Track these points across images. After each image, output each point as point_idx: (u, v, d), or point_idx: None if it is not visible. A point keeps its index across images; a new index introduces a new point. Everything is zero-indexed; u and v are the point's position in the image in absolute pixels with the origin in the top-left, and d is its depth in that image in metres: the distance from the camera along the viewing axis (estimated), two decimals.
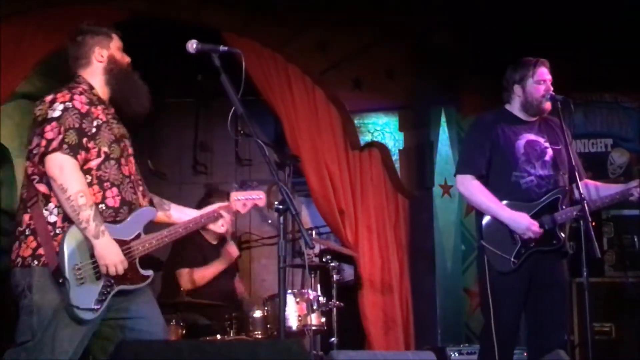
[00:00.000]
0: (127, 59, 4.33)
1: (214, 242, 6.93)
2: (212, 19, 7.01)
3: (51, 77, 7.68)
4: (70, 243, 3.88)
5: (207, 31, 6.68)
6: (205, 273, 6.67)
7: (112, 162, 4.08)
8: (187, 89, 8.65)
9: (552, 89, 5.10)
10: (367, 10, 7.29)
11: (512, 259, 4.97)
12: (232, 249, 6.84)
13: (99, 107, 4.11)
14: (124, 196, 4.10)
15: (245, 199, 4.54)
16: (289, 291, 6.11)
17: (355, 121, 7.59)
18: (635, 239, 6.92)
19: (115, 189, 4.07)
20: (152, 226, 4.26)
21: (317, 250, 6.91)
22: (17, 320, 3.98)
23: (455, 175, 5.29)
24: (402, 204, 7.64)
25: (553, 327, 5.01)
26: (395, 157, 7.68)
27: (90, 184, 3.99)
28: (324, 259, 6.43)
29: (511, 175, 5.06)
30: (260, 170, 8.62)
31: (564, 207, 5.02)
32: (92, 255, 3.92)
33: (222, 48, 3.95)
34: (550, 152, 5.10)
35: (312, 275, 6.54)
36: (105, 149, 4.06)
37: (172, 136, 8.90)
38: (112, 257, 3.93)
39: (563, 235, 5.02)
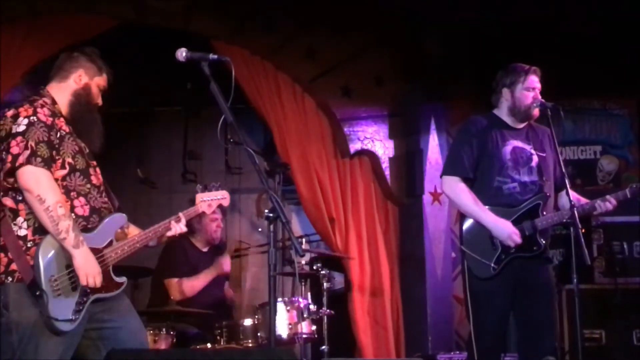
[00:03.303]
0: (99, 101, 4.32)
1: (204, 250, 6.92)
2: (201, 27, 7.01)
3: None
4: (45, 255, 3.88)
5: (196, 39, 6.68)
6: (194, 283, 6.65)
7: (78, 173, 4.09)
8: (176, 97, 8.64)
9: (539, 97, 5.11)
10: (356, 17, 7.30)
11: (492, 265, 4.98)
12: (226, 263, 6.82)
13: (61, 119, 4.12)
14: (93, 205, 4.11)
15: (211, 200, 4.60)
16: (280, 299, 6.10)
17: (345, 129, 7.59)
18: (625, 246, 6.93)
19: (82, 199, 4.08)
20: None
21: (307, 258, 6.89)
22: None
23: (441, 176, 5.29)
24: (392, 212, 7.64)
25: (542, 333, 5.01)
26: (385, 165, 7.68)
27: None
28: (314, 267, 6.42)
29: (494, 180, 5.07)
30: (250, 178, 8.62)
31: (544, 213, 5.03)
32: (68, 266, 3.93)
33: (212, 56, 3.94)
34: (535, 158, 5.12)
35: (303, 283, 6.54)
36: (69, 159, 4.07)
37: (161, 144, 8.88)
38: (91, 268, 3.94)
39: (543, 241, 5.03)
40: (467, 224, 5.11)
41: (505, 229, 4.96)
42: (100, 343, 4.08)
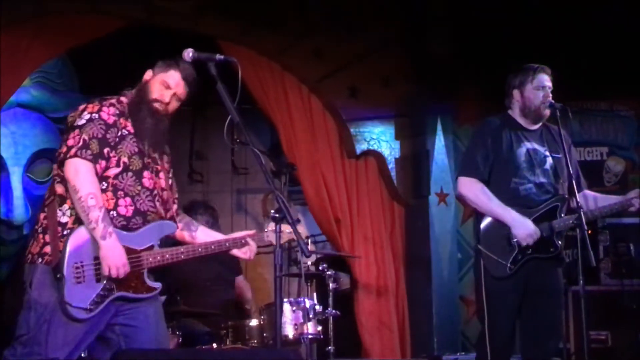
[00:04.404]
0: (159, 96, 4.30)
1: None
2: (208, 27, 7.01)
3: (47, 85, 7.69)
4: (73, 242, 3.95)
5: (203, 39, 6.69)
6: None
7: (130, 173, 4.14)
8: None
9: (551, 96, 5.10)
10: (363, 18, 7.30)
11: (509, 265, 4.96)
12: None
13: (129, 120, 4.20)
14: (139, 207, 4.14)
15: (286, 232, 4.33)
16: (285, 300, 6.10)
17: (351, 129, 7.58)
18: (631, 247, 6.91)
19: (128, 199, 4.12)
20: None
21: (313, 258, 6.89)
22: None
23: (457, 178, 5.26)
24: (398, 212, 7.63)
25: (547, 336, 5.00)
26: (391, 166, 7.68)
27: (104, 191, 4.05)
28: (320, 268, 6.42)
29: (511, 182, 5.06)
30: (256, 178, 8.62)
31: (562, 215, 5.02)
32: (96, 258, 3.97)
33: (218, 57, 3.96)
34: (550, 160, 5.10)
35: (309, 284, 6.53)
36: (125, 159, 4.13)
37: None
38: (114, 259, 3.96)
39: (560, 242, 5.02)
40: (485, 222, 5.08)
41: (527, 227, 4.94)
42: (122, 340, 4.12)
